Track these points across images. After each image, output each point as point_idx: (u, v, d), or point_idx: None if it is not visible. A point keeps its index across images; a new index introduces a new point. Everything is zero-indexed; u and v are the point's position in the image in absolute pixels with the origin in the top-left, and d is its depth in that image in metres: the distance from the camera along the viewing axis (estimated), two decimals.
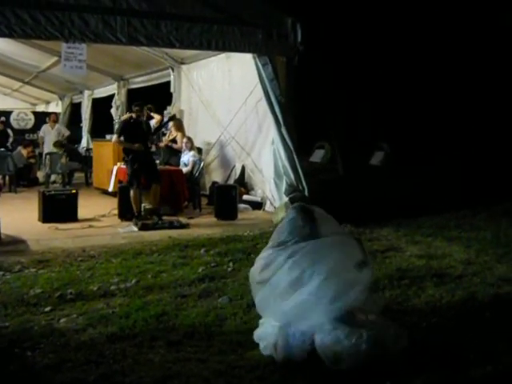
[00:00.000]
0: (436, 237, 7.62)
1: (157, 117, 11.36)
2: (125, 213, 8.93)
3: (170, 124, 11.37)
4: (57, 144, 14.25)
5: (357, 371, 3.48)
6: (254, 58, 8.65)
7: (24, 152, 14.24)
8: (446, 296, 5.06)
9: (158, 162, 10.11)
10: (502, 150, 11.13)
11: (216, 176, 11.54)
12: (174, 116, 10.83)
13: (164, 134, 11.85)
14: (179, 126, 11.23)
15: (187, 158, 10.58)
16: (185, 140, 10.77)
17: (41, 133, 16.26)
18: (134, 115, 8.91)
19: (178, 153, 10.95)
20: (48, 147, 14.89)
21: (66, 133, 16.05)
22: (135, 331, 4.22)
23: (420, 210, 8.91)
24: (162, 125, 10.48)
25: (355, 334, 3.56)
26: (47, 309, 4.76)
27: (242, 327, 4.29)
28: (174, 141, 11.16)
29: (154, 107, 11.35)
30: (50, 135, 15.44)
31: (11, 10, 6.84)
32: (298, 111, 9.00)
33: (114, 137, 9.00)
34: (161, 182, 8.98)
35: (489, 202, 9.69)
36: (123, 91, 15.30)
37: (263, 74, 8.64)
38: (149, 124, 9.49)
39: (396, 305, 4.85)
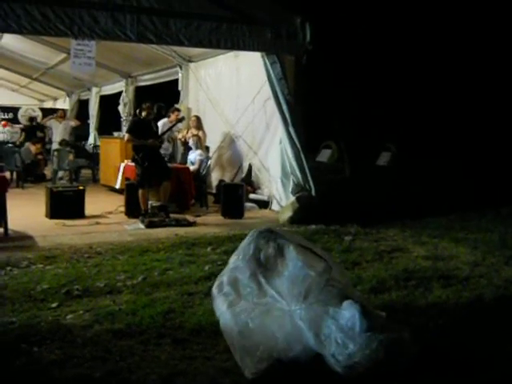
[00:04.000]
0: (443, 238, 7.60)
1: (174, 115, 11.34)
2: (132, 210, 8.96)
3: (180, 125, 11.36)
4: (63, 143, 14.30)
5: (366, 375, 3.44)
6: (263, 56, 8.64)
7: (32, 148, 14.30)
8: (453, 297, 5.04)
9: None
10: (510, 150, 11.07)
11: (223, 174, 11.54)
12: (182, 118, 10.84)
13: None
14: (200, 124, 11.22)
15: (194, 156, 10.60)
16: (192, 139, 10.78)
17: (47, 123, 16.24)
18: (143, 114, 8.93)
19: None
20: (55, 143, 14.97)
21: (72, 123, 15.98)
22: (142, 328, 4.22)
23: (427, 211, 8.90)
24: (170, 127, 10.51)
25: (374, 341, 3.52)
26: (54, 305, 4.77)
27: None
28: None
29: (164, 106, 11.37)
30: (57, 129, 15.50)
31: (22, 6, 6.86)
32: (306, 111, 8.99)
33: (126, 135, 9.01)
34: (171, 178, 9.01)
35: (496, 203, 9.66)
36: (131, 89, 15.33)
37: (271, 73, 8.64)
38: (157, 125, 9.51)
39: (402, 306, 4.83)
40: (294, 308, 3.74)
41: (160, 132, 9.52)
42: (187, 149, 11.22)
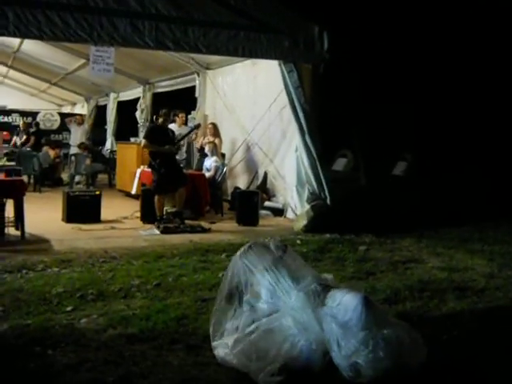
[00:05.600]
0: (458, 249, 7.55)
1: (179, 118, 11.43)
2: (147, 215, 9.00)
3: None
4: (81, 146, 14.45)
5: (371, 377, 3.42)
6: (280, 64, 8.66)
7: (52, 153, 14.45)
8: (468, 309, 5.00)
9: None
10: None
11: (238, 181, 11.57)
12: (199, 125, 10.88)
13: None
14: (216, 131, 11.25)
15: (210, 162, 10.62)
16: (208, 145, 10.82)
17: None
18: (160, 120, 8.98)
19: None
20: (73, 147, 15.17)
21: (86, 125, 16.23)
22: (155, 333, 4.24)
23: (442, 222, 8.84)
24: (186, 133, 10.56)
25: (377, 344, 3.49)
26: (68, 308, 4.80)
27: None
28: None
29: (178, 112, 11.45)
30: (76, 134, 15.73)
31: (42, 12, 6.93)
32: (322, 119, 8.99)
33: (143, 141, 9.05)
34: (187, 184, 9.03)
35: None
36: (148, 95, 15.43)
37: (288, 82, 8.65)
38: (173, 131, 9.57)
39: (416, 317, 4.80)
40: (290, 311, 3.74)
41: (176, 138, 9.58)
42: (203, 155, 11.27)
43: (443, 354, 3.91)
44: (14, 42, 13.78)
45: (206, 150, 10.85)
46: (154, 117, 9.35)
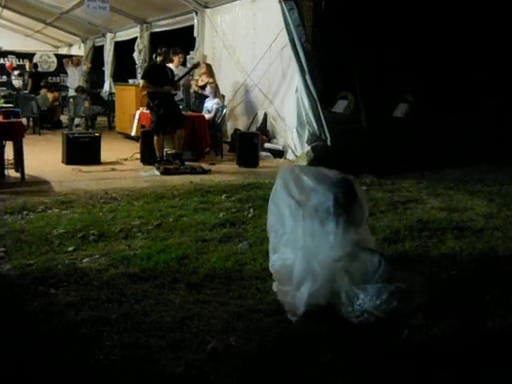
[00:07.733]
0: (458, 190, 7.54)
1: (177, 58, 11.21)
2: (147, 157, 8.99)
3: (195, 71, 11.23)
4: (79, 89, 14.30)
5: (377, 323, 3.48)
6: (280, 2, 8.46)
7: (50, 96, 14.32)
8: (467, 249, 5.02)
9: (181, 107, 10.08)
10: None
11: (238, 123, 11.48)
12: (198, 64, 10.68)
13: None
14: (211, 72, 11.06)
15: (211, 104, 10.52)
16: (210, 86, 10.67)
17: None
18: (158, 59, 8.83)
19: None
20: (71, 90, 15.05)
21: (84, 67, 16.05)
22: (156, 273, 4.28)
23: (443, 163, 8.81)
24: (186, 73, 10.39)
25: (386, 291, 3.53)
26: (70, 248, 4.83)
27: (261, 273, 4.31)
28: (204, 87, 11.05)
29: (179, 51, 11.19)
30: (73, 76, 15.56)
31: None
32: (323, 59, 8.84)
33: (142, 81, 8.91)
34: (185, 126, 8.96)
35: None
36: (146, 35, 15.13)
37: (289, 20, 8.47)
38: (172, 70, 9.41)
39: (416, 256, 4.83)
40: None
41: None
42: (201, 97, 11.11)
43: (443, 292, 3.95)
44: None
45: (208, 91, 10.72)
46: (154, 55, 9.15)
